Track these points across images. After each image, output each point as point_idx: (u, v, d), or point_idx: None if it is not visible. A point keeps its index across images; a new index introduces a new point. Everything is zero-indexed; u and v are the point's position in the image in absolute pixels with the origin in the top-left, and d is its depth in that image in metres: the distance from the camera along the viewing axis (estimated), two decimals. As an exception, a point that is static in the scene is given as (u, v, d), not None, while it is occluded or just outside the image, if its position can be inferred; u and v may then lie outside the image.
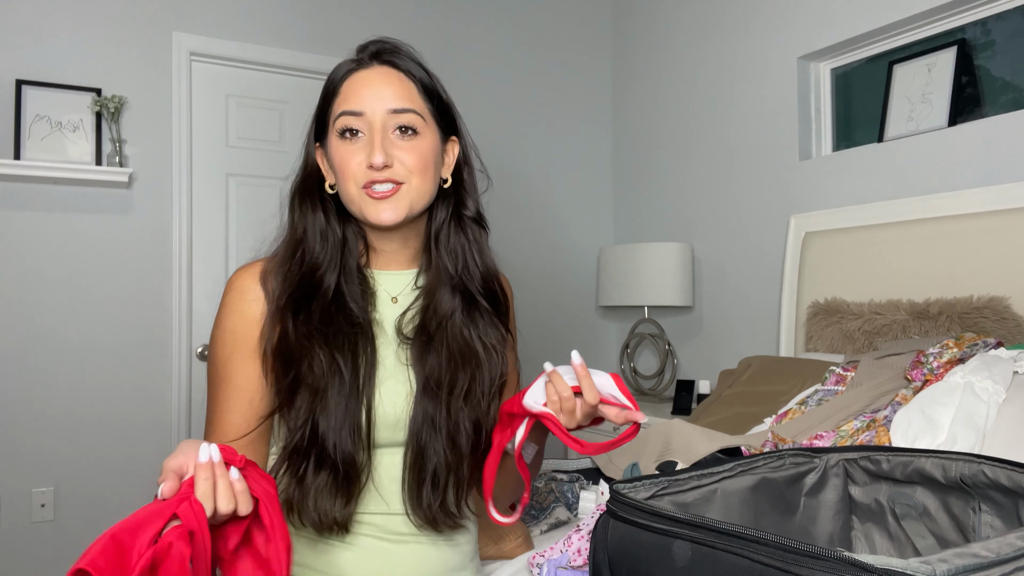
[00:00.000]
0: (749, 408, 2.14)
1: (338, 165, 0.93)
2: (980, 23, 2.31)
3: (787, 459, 0.84)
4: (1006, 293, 1.98)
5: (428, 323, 0.96)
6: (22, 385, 2.50)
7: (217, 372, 0.94)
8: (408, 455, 0.93)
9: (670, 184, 3.32)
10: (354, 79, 0.93)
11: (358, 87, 0.92)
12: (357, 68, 0.94)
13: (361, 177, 0.91)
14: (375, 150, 0.90)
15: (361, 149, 0.91)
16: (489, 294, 1.01)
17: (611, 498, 0.71)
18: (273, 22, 2.91)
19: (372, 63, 0.94)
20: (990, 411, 1.41)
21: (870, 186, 2.45)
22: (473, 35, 3.33)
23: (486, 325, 0.99)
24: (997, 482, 0.74)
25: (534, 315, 3.44)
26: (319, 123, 0.97)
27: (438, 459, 0.92)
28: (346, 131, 0.92)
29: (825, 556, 0.52)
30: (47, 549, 2.51)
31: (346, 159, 0.92)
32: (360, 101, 0.91)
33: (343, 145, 0.92)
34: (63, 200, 2.56)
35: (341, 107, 0.92)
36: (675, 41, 3.30)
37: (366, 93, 0.92)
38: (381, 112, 0.91)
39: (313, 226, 0.96)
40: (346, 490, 0.90)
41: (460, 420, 0.93)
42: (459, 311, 0.98)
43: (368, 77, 0.93)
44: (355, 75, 0.94)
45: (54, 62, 2.55)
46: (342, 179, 0.93)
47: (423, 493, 0.92)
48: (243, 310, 0.93)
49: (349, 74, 0.94)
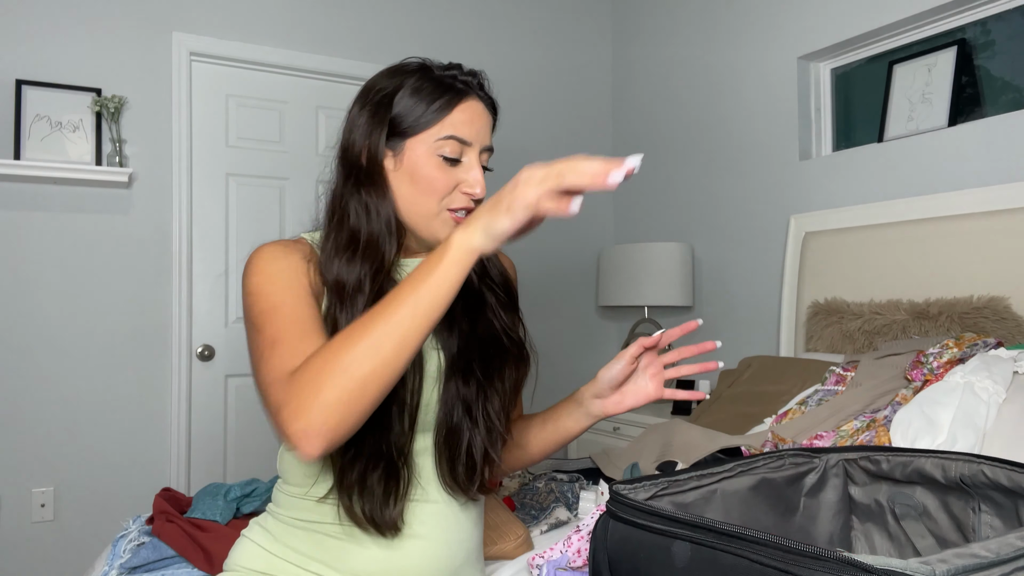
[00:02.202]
0: (749, 408, 2.14)
1: (426, 180, 0.93)
2: (980, 23, 2.31)
3: (787, 459, 0.84)
4: (1006, 293, 1.98)
5: (455, 307, 0.99)
6: (22, 385, 2.50)
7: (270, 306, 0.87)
8: (441, 435, 0.97)
9: (670, 184, 3.32)
10: (467, 107, 0.95)
11: (471, 117, 0.95)
12: (466, 96, 0.96)
13: (451, 200, 0.95)
14: (479, 184, 0.95)
15: (455, 174, 0.94)
16: (507, 291, 1.07)
17: (611, 498, 0.71)
18: (273, 22, 2.91)
19: (475, 94, 0.97)
20: (990, 411, 1.41)
21: (870, 186, 2.45)
22: (472, 34, 3.33)
23: (508, 319, 1.04)
24: (997, 482, 0.74)
25: (534, 315, 3.45)
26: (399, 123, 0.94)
27: (470, 436, 0.97)
28: (450, 156, 0.94)
29: (825, 556, 0.52)
30: (47, 549, 2.51)
31: (440, 179, 0.94)
32: (470, 132, 0.95)
33: (440, 165, 0.94)
34: (63, 200, 2.56)
35: (451, 131, 0.94)
36: (675, 41, 3.30)
37: (476, 125, 0.96)
38: (480, 146, 0.97)
39: (379, 212, 0.94)
40: (396, 488, 0.92)
41: (488, 401, 0.99)
42: (485, 301, 1.03)
43: (477, 110, 0.96)
44: (467, 103, 0.95)
45: (54, 62, 2.55)
46: (425, 193, 0.94)
47: (457, 469, 0.97)
48: (291, 263, 0.91)
49: (461, 98, 0.95)
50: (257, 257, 0.91)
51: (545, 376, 3.47)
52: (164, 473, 2.70)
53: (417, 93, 0.94)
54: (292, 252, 0.93)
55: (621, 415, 2.90)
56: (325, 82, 3.04)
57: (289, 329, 0.83)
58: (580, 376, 3.56)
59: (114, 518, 2.61)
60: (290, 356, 0.80)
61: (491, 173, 1.05)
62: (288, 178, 2.96)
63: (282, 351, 0.81)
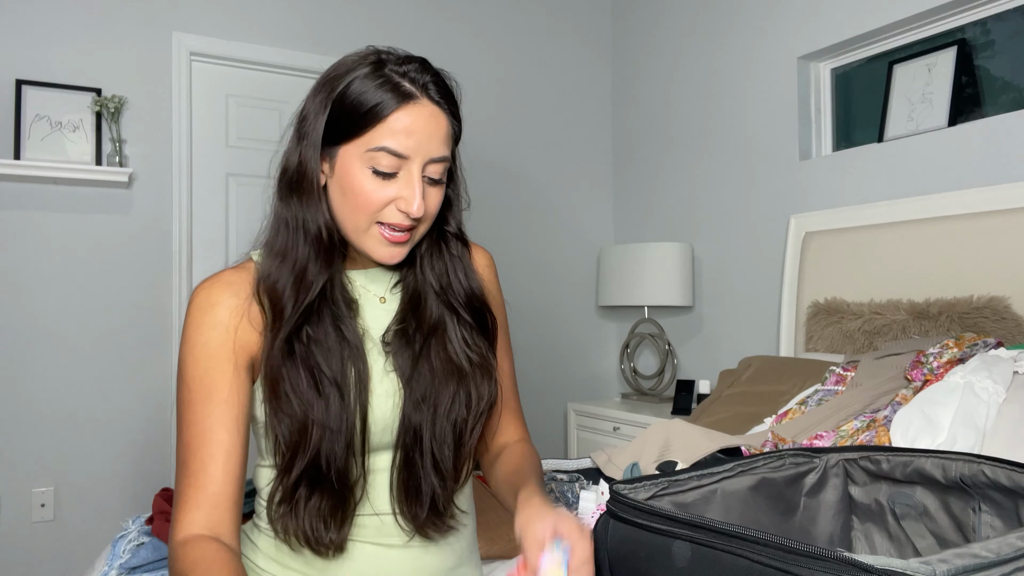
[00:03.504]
0: (749, 408, 2.14)
1: (356, 192, 0.85)
2: (980, 23, 2.31)
3: (787, 459, 0.84)
4: (1006, 293, 1.98)
5: (414, 330, 0.94)
6: (22, 385, 2.50)
7: (194, 391, 0.86)
8: (396, 462, 0.92)
9: (670, 184, 3.32)
10: (405, 114, 0.84)
11: (409, 127, 0.84)
12: (408, 100, 0.84)
13: (383, 215, 0.86)
14: (415, 200, 0.85)
15: (390, 188, 0.85)
16: (475, 313, 0.97)
17: (611, 498, 0.71)
18: (273, 22, 2.91)
19: (424, 98, 0.85)
20: (990, 411, 1.41)
21: (870, 186, 2.45)
22: (472, 35, 3.33)
23: (472, 343, 0.96)
24: (997, 482, 0.74)
25: (534, 315, 3.45)
26: (335, 127, 0.86)
27: (424, 471, 0.91)
28: (382, 170, 0.85)
29: (825, 556, 0.52)
30: (47, 549, 2.51)
31: (371, 192, 0.85)
32: (407, 145, 0.84)
33: (371, 178, 0.85)
34: (63, 200, 2.56)
35: (383, 141, 0.83)
36: (675, 41, 3.30)
37: (416, 137, 0.84)
38: (423, 159, 0.86)
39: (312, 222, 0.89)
40: (341, 510, 0.88)
41: (444, 434, 0.92)
42: (445, 323, 0.95)
43: (420, 117, 0.84)
44: (406, 109, 0.84)
45: (54, 62, 2.55)
46: (355, 207, 0.86)
47: (411, 503, 0.91)
48: (217, 320, 0.87)
49: (402, 103, 0.84)
50: (189, 312, 0.88)
51: (545, 376, 3.49)
52: (164, 473, 2.70)
53: (359, 92, 0.84)
54: (224, 302, 0.88)
55: (621, 415, 2.90)
56: (325, 82, 3.04)
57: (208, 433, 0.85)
58: (580, 376, 3.56)
59: (114, 518, 2.60)
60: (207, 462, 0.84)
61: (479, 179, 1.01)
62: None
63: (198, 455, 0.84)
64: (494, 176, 3.33)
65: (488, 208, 3.31)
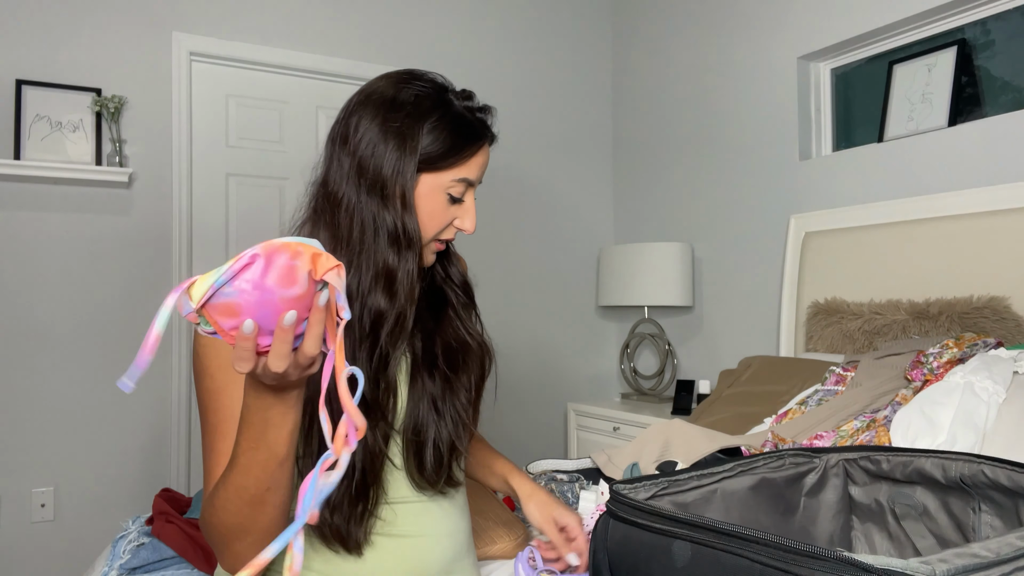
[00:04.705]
0: (749, 408, 2.14)
1: (428, 215, 0.96)
2: (980, 23, 2.31)
3: (787, 459, 0.84)
4: (1006, 293, 1.98)
5: (422, 313, 1.02)
6: (22, 385, 2.50)
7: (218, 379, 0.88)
8: (408, 432, 0.97)
9: (670, 184, 3.32)
10: (482, 154, 0.99)
11: (481, 162, 0.99)
12: (485, 138, 0.99)
13: (444, 232, 0.99)
14: (473, 220, 0.99)
15: (455, 210, 0.98)
16: (466, 291, 1.10)
17: (611, 498, 0.71)
18: (273, 22, 2.91)
19: (488, 138, 1.00)
20: (990, 411, 1.41)
21: (870, 186, 2.45)
22: (472, 35, 3.33)
23: (468, 316, 1.07)
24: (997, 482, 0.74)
25: (534, 315, 3.45)
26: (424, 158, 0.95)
27: (437, 430, 0.97)
28: (456, 196, 0.97)
29: (825, 556, 0.52)
30: (47, 549, 2.51)
31: (442, 216, 0.97)
32: (479, 174, 0.99)
33: (445, 203, 0.97)
34: (63, 200, 2.56)
35: (465, 174, 0.97)
36: (675, 41, 3.30)
37: (484, 167, 1.00)
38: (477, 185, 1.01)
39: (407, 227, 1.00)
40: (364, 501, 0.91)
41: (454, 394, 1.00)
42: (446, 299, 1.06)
43: (487, 151, 1.00)
44: (484, 150, 0.99)
45: (54, 62, 2.55)
46: (427, 223, 0.97)
47: (425, 458, 0.97)
48: None
49: (480, 143, 0.98)
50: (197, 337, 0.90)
51: (545, 376, 3.49)
52: (164, 473, 2.70)
53: (440, 131, 0.95)
54: None
55: (621, 415, 2.90)
56: (325, 82, 3.04)
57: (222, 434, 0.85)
58: (580, 376, 3.56)
59: (114, 518, 2.61)
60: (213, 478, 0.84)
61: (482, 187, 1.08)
62: (288, 178, 2.96)
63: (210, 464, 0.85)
64: (494, 176, 3.33)
65: (488, 208, 3.31)
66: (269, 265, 0.59)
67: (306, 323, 0.63)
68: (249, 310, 0.59)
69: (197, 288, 0.58)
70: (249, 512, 0.77)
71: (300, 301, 0.61)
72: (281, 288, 0.59)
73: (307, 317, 0.62)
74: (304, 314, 0.62)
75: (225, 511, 0.77)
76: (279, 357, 0.62)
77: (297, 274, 0.60)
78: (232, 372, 0.88)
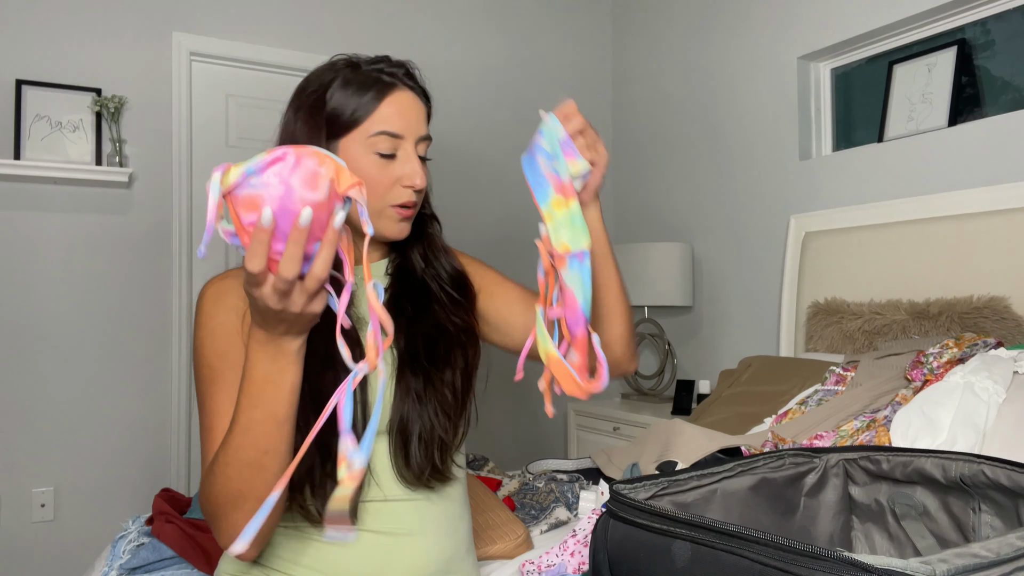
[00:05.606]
0: (749, 408, 2.14)
1: (366, 177, 0.94)
2: (980, 23, 2.31)
3: (787, 459, 0.84)
4: (1006, 293, 1.98)
5: (403, 308, 1.01)
6: (22, 385, 2.50)
7: (215, 367, 0.90)
8: (394, 428, 0.96)
9: (670, 184, 3.32)
10: (395, 99, 0.95)
11: (400, 109, 0.95)
12: (394, 87, 0.95)
13: (394, 196, 0.95)
14: (418, 174, 0.95)
15: (392, 168, 0.95)
16: (456, 285, 1.06)
17: (611, 498, 0.71)
18: (273, 22, 2.91)
19: (402, 86, 0.96)
20: (990, 411, 1.41)
21: (870, 186, 2.45)
22: (471, 34, 3.33)
23: (457, 311, 1.04)
24: (997, 482, 0.74)
25: (534, 315, 3.44)
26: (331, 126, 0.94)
27: (422, 424, 0.96)
28: (384, 152, 0.94)
29: (825, 556, 0.52)
30: (47, 549, 2.51)
31: (379, 176, 0.94)
32: (401, 125, 0.94)
33: (377, 163, 0.94)
34: (63, 200, 2.56)
35: (381, 126, 0.93)
36: (675, 41, 3.30)
37: (407, 117, 0.95)
38: (414, 137, 0.96)
39: None
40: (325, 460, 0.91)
41: (436, 388, 0.98)
42: (431, 293, 1.04)
43: (407, 101, 0.96)
44: (395, 95, 0.95)
45: (54, 62, 2.55)
46: (368, 189, 0.94)
47: (410, 452, 0.95)
48: (230, 305, 0.92)
49: (388, 91, 0.94)
50: (201, 305, 0.93)
51: (545, 376, 3.48)
52: (164, 473, 2.70)
53: (345, 89, 0.94)
54: (234, 291, 0.93)
55: (621, 415, 2.90)
56: (325, 82, 3.04)
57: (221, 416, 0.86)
58: (580, 376, 3.55)
59: (114, 518, 2.61)
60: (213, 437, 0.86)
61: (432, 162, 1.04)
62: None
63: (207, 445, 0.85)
64: (494, 176, 3.33)
65: (488, 208, 3.31)
66: (298, 163, 0.61)
67: (318, 245, 0.63)
68: (271, 205, 0.61)
69: (231, 174, 0.61)
70: (249, 475, 0.77)
71: (319, 209, 0.62)
72: (304, 189, 0.61)
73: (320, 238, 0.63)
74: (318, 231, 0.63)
75: (224, 476, 0.78)
76: (291, 260, 0.62)
77: (320, 181, 0.61)
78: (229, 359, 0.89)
